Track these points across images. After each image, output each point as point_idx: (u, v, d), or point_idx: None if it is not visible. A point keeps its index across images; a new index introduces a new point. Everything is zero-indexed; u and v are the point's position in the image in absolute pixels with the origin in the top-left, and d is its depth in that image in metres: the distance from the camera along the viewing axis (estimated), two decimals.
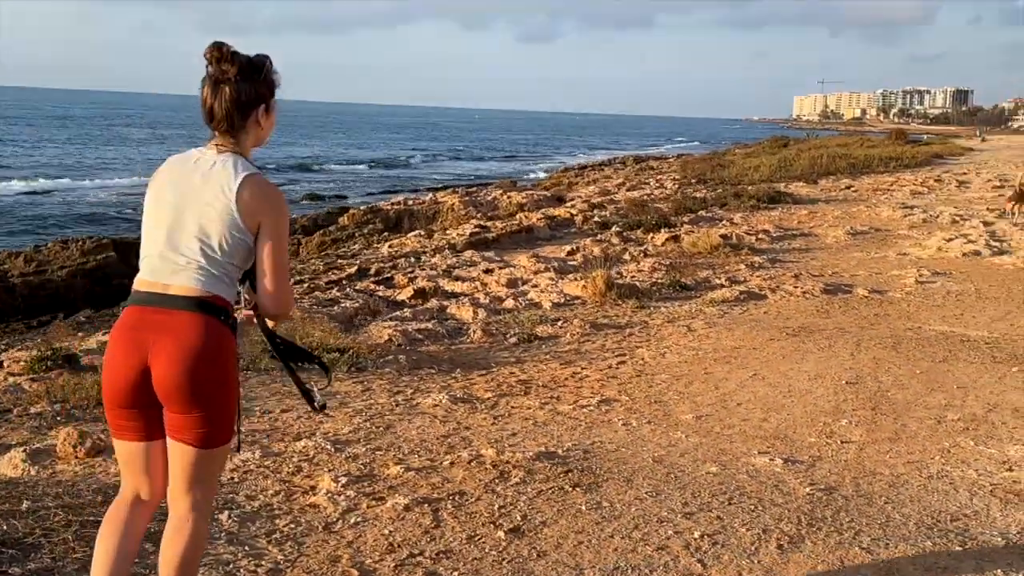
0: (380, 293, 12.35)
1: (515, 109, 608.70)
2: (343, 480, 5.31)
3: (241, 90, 3.25)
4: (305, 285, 13.34)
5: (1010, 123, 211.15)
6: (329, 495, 5.12)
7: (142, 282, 3.29)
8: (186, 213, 3.24)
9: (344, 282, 13.54)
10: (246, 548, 4.46)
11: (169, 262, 3.24)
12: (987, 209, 20.25)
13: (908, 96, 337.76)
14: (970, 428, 6.55)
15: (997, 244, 15.65)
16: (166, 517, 3.37)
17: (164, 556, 3.34)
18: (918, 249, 15.39)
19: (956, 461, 5.91)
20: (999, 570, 4.44)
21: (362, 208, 25.17)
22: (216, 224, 3.20)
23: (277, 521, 4.80)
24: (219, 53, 3.24)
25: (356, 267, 14.72)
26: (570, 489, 5.31)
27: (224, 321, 3.25)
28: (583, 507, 5.07)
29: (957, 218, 19.30)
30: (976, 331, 9.74)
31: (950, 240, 15.75)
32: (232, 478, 5.28)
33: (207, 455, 3.28)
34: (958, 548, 4.68)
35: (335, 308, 10.52)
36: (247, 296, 3.39)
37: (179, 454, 3.27)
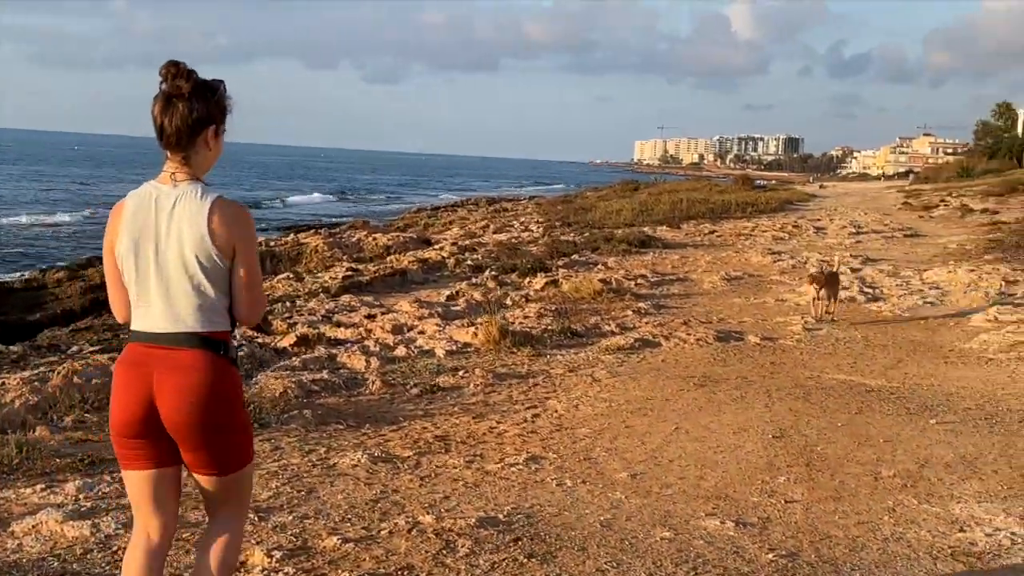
0: (259, 340, 11.78)
1: (362, 149, 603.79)
2: (277, 555, 4.86)
3: (194, 107, 3.24)
4: None
5: (838, 170, 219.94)
6: (265, 573, 4.65)
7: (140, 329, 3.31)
8: (167, 259, 3.24)
9: None
10: None
11: (164, 310, 3.26)
12: (851, 256, 20.74)
13: (743, 143, 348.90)
14: (909, 485, 6.43)
15: (870, 291, 15.94)
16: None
17: (202, 562, 3.43)
18: (795, 295, 15.53)
19: (906, 522, 5.75)
20: None
21: None
22: (196, 262, 3.23)
23: None
24: (175, 70, 3.24)
25: None
26: (525, 560, 4.95)
27: (224, 355, 3.32)
28: None
29: (824, 264, 19.64)
30: (874, 380, 9.75)
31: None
32: None
33: (233, 479, 3.41)
34: None
35: None
36: None
37: (205, 483, 3.41)
